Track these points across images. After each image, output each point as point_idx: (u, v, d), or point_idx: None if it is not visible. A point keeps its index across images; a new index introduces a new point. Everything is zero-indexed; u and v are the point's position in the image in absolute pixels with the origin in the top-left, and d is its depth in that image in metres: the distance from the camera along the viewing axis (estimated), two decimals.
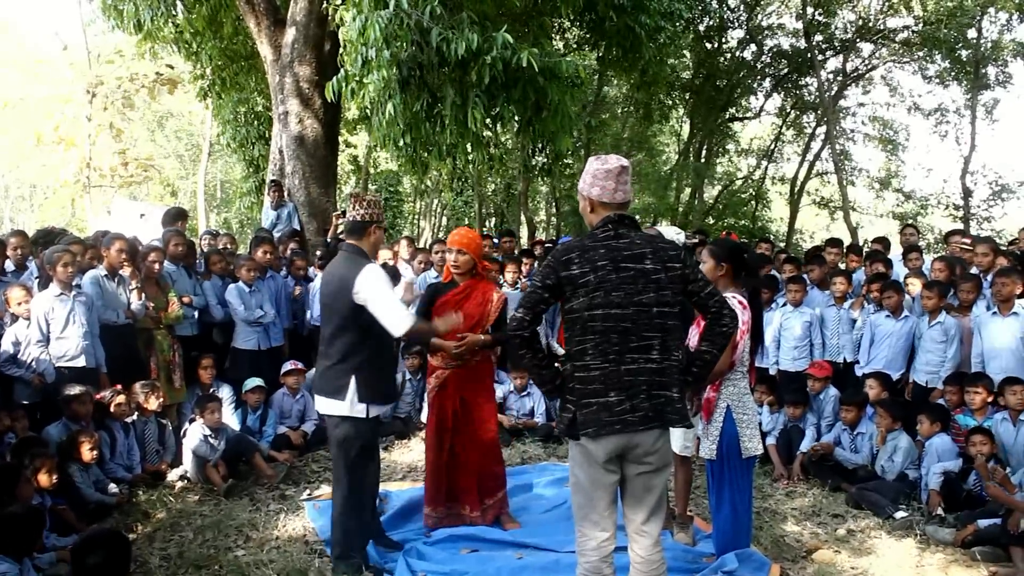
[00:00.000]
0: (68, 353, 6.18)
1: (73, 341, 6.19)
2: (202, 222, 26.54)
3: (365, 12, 7.56)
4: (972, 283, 7.05)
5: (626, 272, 3.29)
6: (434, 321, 4.73)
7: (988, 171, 23.28)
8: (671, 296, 3.34)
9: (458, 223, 27.70)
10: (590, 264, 3.29)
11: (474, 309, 5.17)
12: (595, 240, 3.37)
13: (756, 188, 27.37)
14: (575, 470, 3.46)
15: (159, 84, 19.96)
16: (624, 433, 3.28)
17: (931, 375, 6.95)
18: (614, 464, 3.35)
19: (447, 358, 5.17)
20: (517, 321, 3.38)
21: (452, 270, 5.26)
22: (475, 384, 5.30)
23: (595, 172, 3.43)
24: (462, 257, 5.18)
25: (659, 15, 11.90)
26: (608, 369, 3.28)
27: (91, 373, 6.33)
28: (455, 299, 5.15)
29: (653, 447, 3.34)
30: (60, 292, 6.17)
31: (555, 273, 3.34)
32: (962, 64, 20.50)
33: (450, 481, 5.28)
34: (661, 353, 3.31)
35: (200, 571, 4.73)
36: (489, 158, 9.86)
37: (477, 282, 5.30)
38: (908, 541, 5.29)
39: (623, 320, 3.27)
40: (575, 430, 3.33)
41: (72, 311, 6.18)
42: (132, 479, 6.13)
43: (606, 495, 3.38)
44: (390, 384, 4.83)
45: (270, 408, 7.32)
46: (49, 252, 6.28)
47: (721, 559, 4.50)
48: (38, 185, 33.14)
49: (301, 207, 10.92)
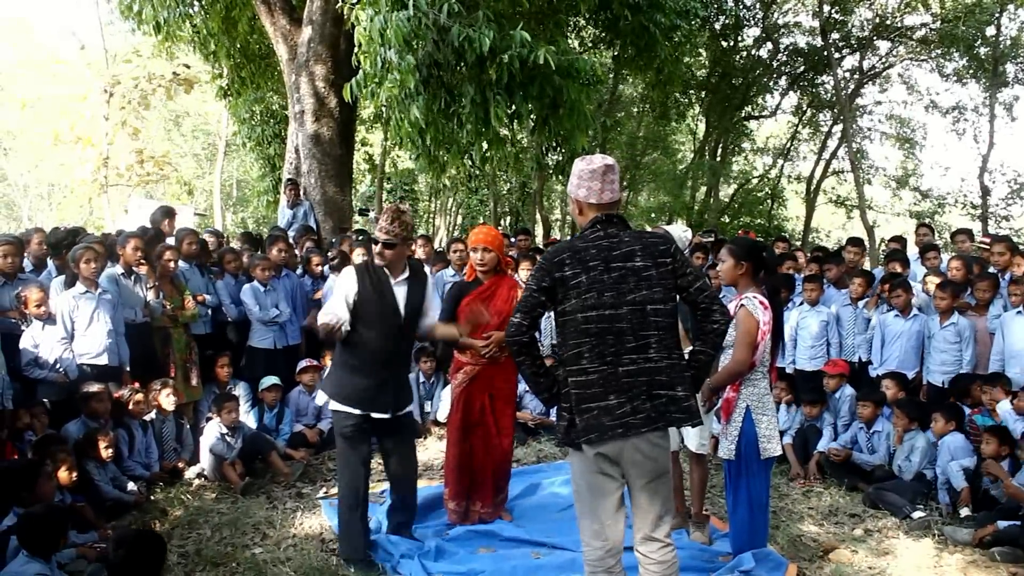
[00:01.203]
0: (92, 351, 6.22)
1: (97, 339, 6.22)
2: (218, 221, 26.68)
3: (383, 12, 7.56)
4: (989, 282, 7.00)
5: (617, 272, 3.24)
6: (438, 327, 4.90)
7: (1007, 169, 23.33)
8: (664, 292, 3.28)
9: (473, 222, 27.72)
10: (582, 265, 3.24)
11: (501, 306, 5.18)
12: (585, 241, 3.32)
13: (772, 187, 27.27)
14: (576, 478, 3.40)
15: (176, 84, 20.04)
16: (626, 437, 3.21)
17: (947, 376, 6.90)
18: (615, 470, 3.29)
19: (476, 356, 5.18)
20: (515, 326, 3.31)
21: (478, 268, 5.24)
22: (502, 382, 5.32)
23: (580, 173, 3.38)
24: (488, 255, 5.19)
25: (674, 13, 11.89)
26: (606, 372, 3.22)
27: (115, 371, 6.38)
28: (481, 297, 5.16)
29: (653, 452, 3.26)
30: (85, 290, 6.21)
31: (549, 275, 3.28)
32: (980, 62, 20.37)
33: (471, 476, 5.31)
34: (660, 352, 3.25)
35: (217, 568, 4.75)
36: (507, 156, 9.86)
37: (501, 279, 5.31)
38: (926, 541, 5.26)
39: (617, 320, 3.21)
40: (574, 437, 3.27)
41: (96, 309, 6.22)
42: (150, 477, 6.17)
43: (608, 504, 3.31)
44: (363, 391, 4.61)
45: (286, 406, 7.35)
46: (74, 250, 6.32)
47: (738, 558, 4.49)
48: (56, 184, 33.33)
49: (317, 206, 10.96)
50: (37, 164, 32.60)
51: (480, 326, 4.94)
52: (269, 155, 15.66)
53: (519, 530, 5.21)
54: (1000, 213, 22.47)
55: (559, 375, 3.36)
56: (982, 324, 6.86)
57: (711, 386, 4.46)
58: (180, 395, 6.71)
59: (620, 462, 3.27)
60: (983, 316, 6.91)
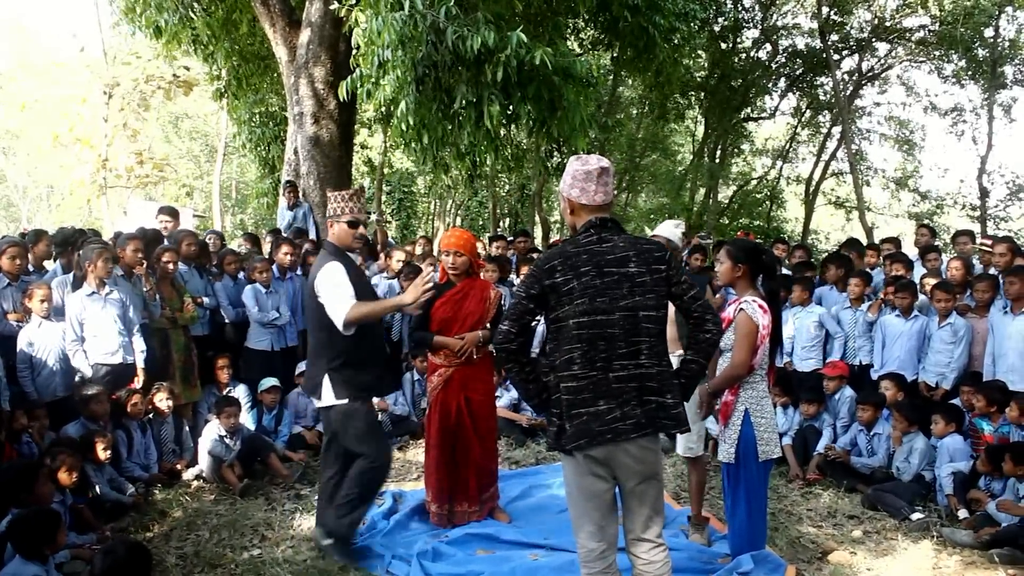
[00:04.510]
0: (104, 350, 6.24)
1: (108, 339, 6.24)
2: (217, 222, 26.69)
3: (382, 13, 7.57)
4: (988, 283, 7.00)
5: (610, 277, 3.21)
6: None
7: (1005, 171, 23.25)
8: (657, 299, 3.26)
9: (472, 223, 27.74)
10: (573, 271, 3.22)
11: (474, 307, 5.27)
12: (577, 246, 3.29)
13: (771, 188, 27.29)
14: (568, 481, 3.39)
15: (175, 86, 20.05)
16: (616, 442, 3.20)
17: (940, 376, 6.91)
18: (606, 471, 3.28)
19: (450, 356, 5.24)
20: (503, 334, 3.28)
21: (450, 271, 5.30)
22: (477, 381, 5.36)
23: (575, 173, 3.36)
24: (460, 259, 5.27)
25: (673, 15, 11.88)
26: (596, 377, 3.20)
27: (128, 370, 6.41)
28: (454, 299, 5.24)
29: (643, 455, 3.26)
30: (93, 291, 6.23)
31: (539, 282, 3.25)
32: (979, 63, 20.40)
33: (451, 478, 5.33)
34: (651, 358, 3.23)
35: (216, 570, 4.75)
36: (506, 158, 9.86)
37: (473, 281, 5.39)
38: (925, 543, 5.26)
39: (609, 326, 3.19)
40: (564, 443, 3.26)
41: (105, 309, 6.24)
42: (149, 478, 6.18)
43: (600, 505, 3.31)
44: (374, 377, 4.76)
45: (285, 408, 7.35)
46: (87, 249, 6.33)
47: (737, 560, 4.48)
48: (56, 186, 33.32)
49: (316, 208, 10.96)
50: (36, 165, 32.67)
51: (453, 326, 5.05)
52: (269, 157, 15.65)
53: (517, 532, 5.22)
54: (999, 214, 22.49)
55: (550, 381, 3.34)
56: (983, 325, 6.86)
57: (710, 390, 4.46)
58: (179, 397, 6.72)
59: (610, 465, 3.27)
60: (983, 317, 6.91)
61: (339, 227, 4.73)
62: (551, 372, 3.33)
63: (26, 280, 6.41)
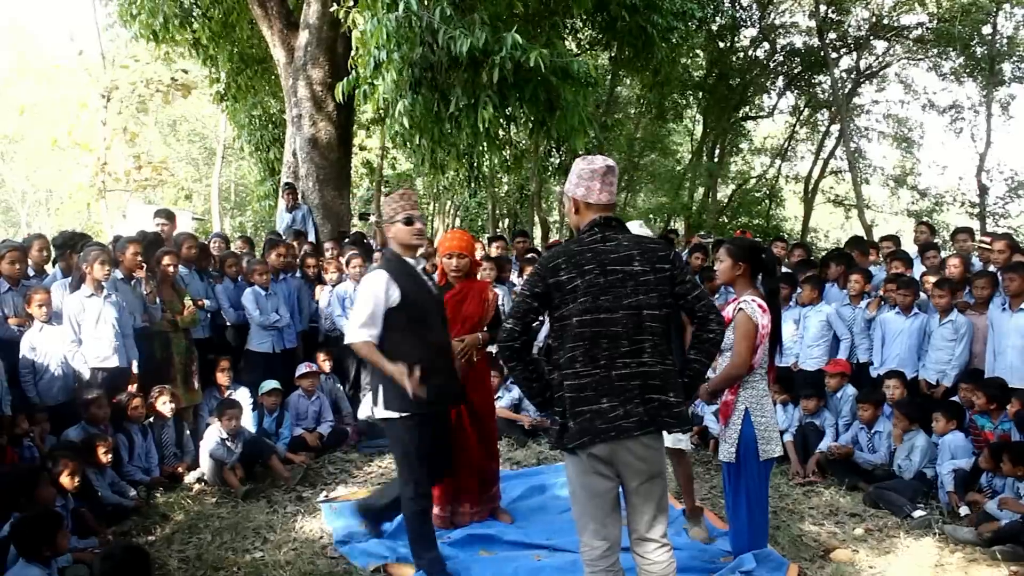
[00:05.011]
0: (101, 354, 6.25)
1: (105, 342, 6.25)
2: (216, 225, 26.68)
3: (378, 14, 7.57)
4: (986, 280, 7.00)
5: (614, 275, 3.22)
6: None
7: (1004, 168, 23.27)
8: (660, 298, 3.26)
9: (471, 224, 27.71)
10: (577, 269, 3.23)
11: (473, 309, 5.26)
12: (581, 244, 3.30)
13: (770, 187, 27.27)
14: (571, 480, 3.39)
15: (174, 89, 20.03)
16: (619, 440, 3.20)
17: (940, 373, 6.92)
18: (609, 472, 3.28)
19: None
20: (507, 332, 3.29)
21: (452, 274, 5.27)
22: (477, 383, 5.33)
23: (580, 172, 3.38)
24: (463, 261, 5.25)
25: (671, 15, 11.89)
26: (599, 375, 3.20)
27: (123, 373, 6.42)
28: (453, 301, 5.18)
29: (646, 453, 3.26)
30: (91, 293, 6.23)
31: (543, 281, 3.27)
32: (977, 61, 20.39)
33: (453, 480, 5.30)
34: (653, 356, 3.23)
35: (218, 573, 4.75)
36: (505, 159, 9.86)
37: (472, 283, 5.38)
38: (927, 540, 5.26)
39: (612, 324, 3.20)
40: (567, 441, 3.25)
41: (103, 311, 6.24)
42: (150, 481, 6.17)
43: (604, 504, 3.30)
44: (439, 387, 4.29)
45: (286, 410, 7.35)
46: (85, 252, 6.34)
47: (739, 559, 4.48)
48: (54, 190, 33.32)
49: (315, 210, 10.97)
50: (35, 169, 32.63)
51: (452, 328, 4.95)
52: (268, 159, 15.65)
53: (520, 532, 5.22)
54: (998, 211, 22.51)
55: (553, 379, 3.34)
56: (982, 322, 6.86)
57: (709, 389, 4.46)
58: (180, 400, 6.72)
59: (613, 463, 3.26)
60: (983, 314, 6.91)
61: (396, 228, 4.41)
62: (554, 370, 3.33)
63: (26, 284, 6.41)
